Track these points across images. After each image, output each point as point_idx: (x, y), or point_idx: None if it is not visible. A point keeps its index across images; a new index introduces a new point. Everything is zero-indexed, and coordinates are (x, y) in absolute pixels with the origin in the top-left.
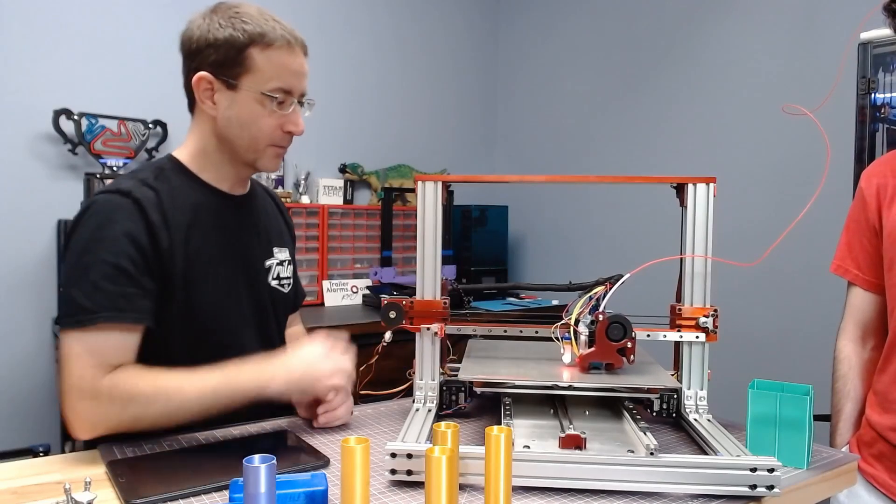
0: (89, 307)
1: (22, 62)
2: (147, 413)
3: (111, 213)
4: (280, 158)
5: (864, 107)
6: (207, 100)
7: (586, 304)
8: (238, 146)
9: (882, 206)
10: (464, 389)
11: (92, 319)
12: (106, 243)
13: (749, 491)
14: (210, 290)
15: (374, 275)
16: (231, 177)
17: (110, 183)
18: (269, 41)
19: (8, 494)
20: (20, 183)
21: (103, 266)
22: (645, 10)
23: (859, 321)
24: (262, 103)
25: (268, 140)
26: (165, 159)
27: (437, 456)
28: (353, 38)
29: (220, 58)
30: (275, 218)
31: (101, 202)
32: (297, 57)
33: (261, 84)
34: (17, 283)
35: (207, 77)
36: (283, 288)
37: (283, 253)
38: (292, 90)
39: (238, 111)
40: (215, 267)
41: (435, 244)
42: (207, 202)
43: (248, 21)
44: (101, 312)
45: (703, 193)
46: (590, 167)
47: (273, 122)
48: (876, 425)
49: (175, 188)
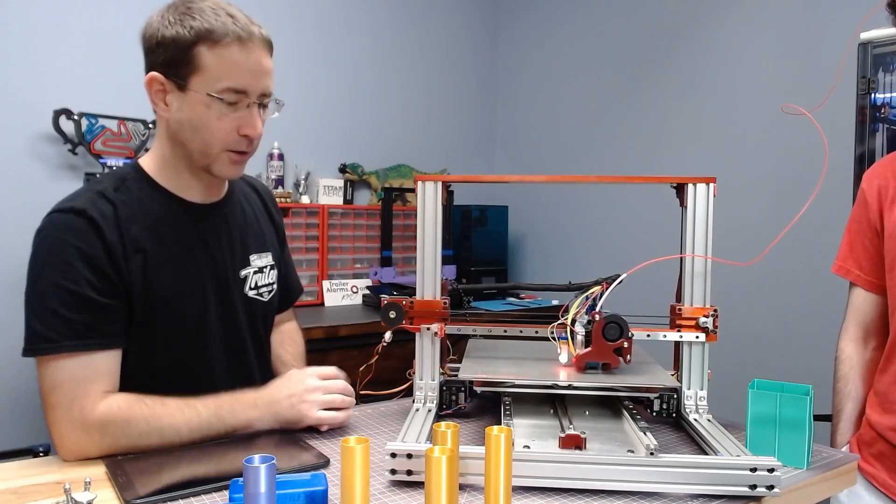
0: (50, 336)
1: (22, 62)
2: (139, 445)
3: (64, 235)
4: (239, 164)
5: (864, 107)
6: (160, 101)
7: (583, 304)
8: (191, 150)
9: (883, 206)
10: (464, 389)
11: (55, 348)
12: (62, 268)
13: (749, 491)
14: (172, 308)
15: (374, 275)
16: (193, 185)
17: (66, 198)
18: (216, 38)
19: (8, 494)
20: (20, 183)
21: (60, 292)
22: (645, 11)
23: (861, 321)
24: (211, 105)
25: (221, 145)
26: (130, 167)
27: (437, 456)
28: (352, 38)
29: (168, 57)
30: (255, 221)
31: (54, 223)
32: (251, 53)
33: (209, 84)
34: (17, 283)
35: (159, 77)
36: (263, 297)
37: (263, 259)
38: (247, 90)
39: (189, 113)
40: (178, 283)
41: (435, 244)
42: (170, 215)
43: (198, 17)
44: (64, 342)
45: (703, 193)
46: (590, 167)
47: (225, 125)
48: (876, 425)
49: (136, 200)
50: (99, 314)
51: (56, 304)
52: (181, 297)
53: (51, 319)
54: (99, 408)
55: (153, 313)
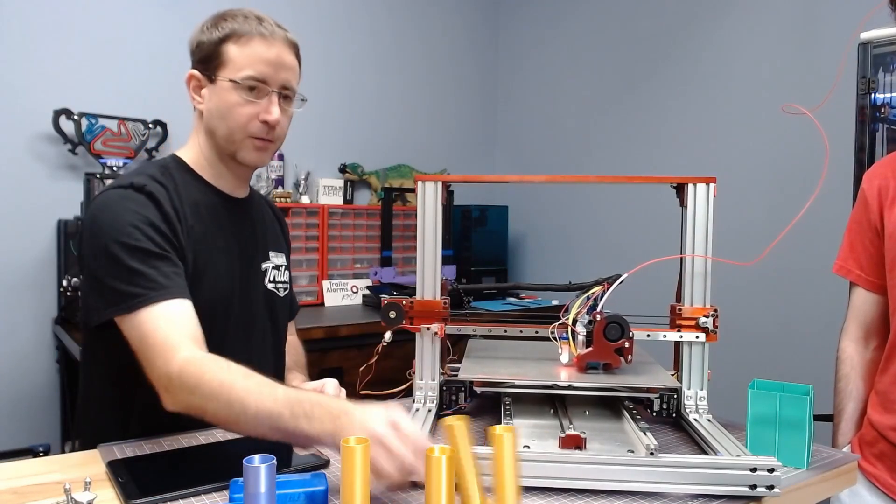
0: (136, 292)
1: (22, 62)
2: (207, 408)
3: (127, 205)
4: (262, 152)
5: (864, 107)
6: (196, 95)
7: (584, 304)
8: (219, 137)
9: (883, 206)
10: (464, 389)
11: (141, 302)
12: (129, 231)
13: (749, 491)
14: (210, 284)
15: (374, 275)
16: (226, 174)
17: (119, 178)
18: (241, 34)
19: (8, 494)
20: (20, 183)
21: (134, 252)
22: (645, 11)
23: (861, 321)
24: (236, 91)
25: (244, 130)
26: (169, 158)
27: (437, 456)
28: (353, 39)
29: (202, 55)
30: (272, 225)
31: (115, 196)
32: (272, 48)
33: (233, 73)
34: (17, 283)
35: (195, 74)
36: (279, 291)
37: (279, 258)
38: (266, 79)
39: (217, 101)
40: (215, 263)
41: (435, 244)
42: (208, 200)
43: (230, 21)
44: (149, 293)
45: (703, 193)
46: (590, 167)
47: (248, 110)
48: (877, 425)
49: (179, 184)
50: (173, 268)
51: (132, 261)
52: (215, 275)
53: (132, 277)
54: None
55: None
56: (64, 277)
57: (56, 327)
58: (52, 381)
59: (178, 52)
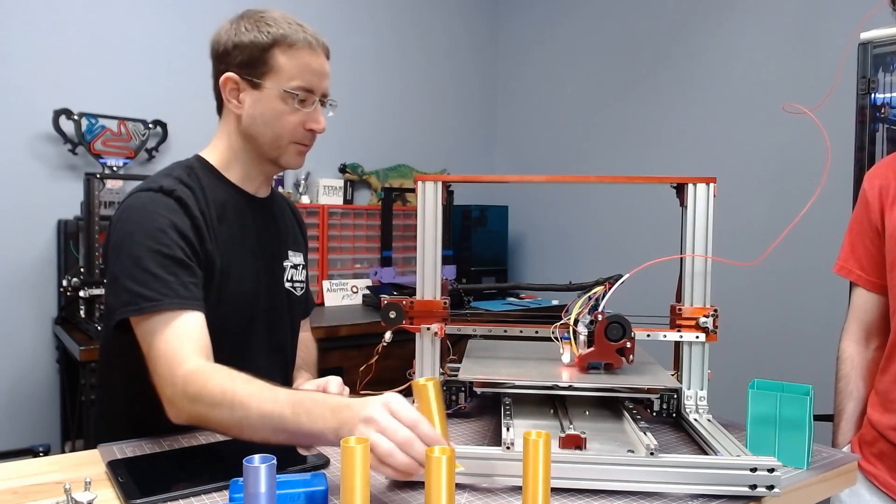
0: (150, 295)
1: (22, 62)
2: (211, 416)
3: (157, 208)
4: (302, 156)
5: (864, 107)
6: (234, 99)
7: (585, 304)
8: (262, 143)
9: (884, 207)
10: (464, 389)
11: (155, 306)
12: (155, 234)
13: (749, 491)
14: (235, 285)
15: (374, 275)
16: (255, 175)
17: (147, 181)
18: (291, 42)
19: (8, 494)
20: (20, 183)
21: (156, 256)
22: (644, 11)
23: (862, 321)
24: (285, 101)
25: (290, 137)
26: (193, 159)
27: (437, 456)
28: (353, 38)
29: (245, 59)
30: (291, 224)
31: (145, 199)
32: (318, 57)
33: (283, 82)
34: (18, 283)
35: (234, 77)
36: (296, 291)
37: (297, 257)
38: (314, 89)
39: (262, 109)
40: (239, 262)
41: (435, 244)
42: (233, 200)
43: (273, 24)
44: (164, 300)
45: (703, 193)
46: (590, 167)
47: (295, 119)
48: (877, 425)
49: (205, 186)
50: (192, 278)
51: (153, 266)
52: (240, 275)
53: (150, 280)
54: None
55: (218, 287)
56: (64, 277)
57: (56, 327)
58: (52, 381)
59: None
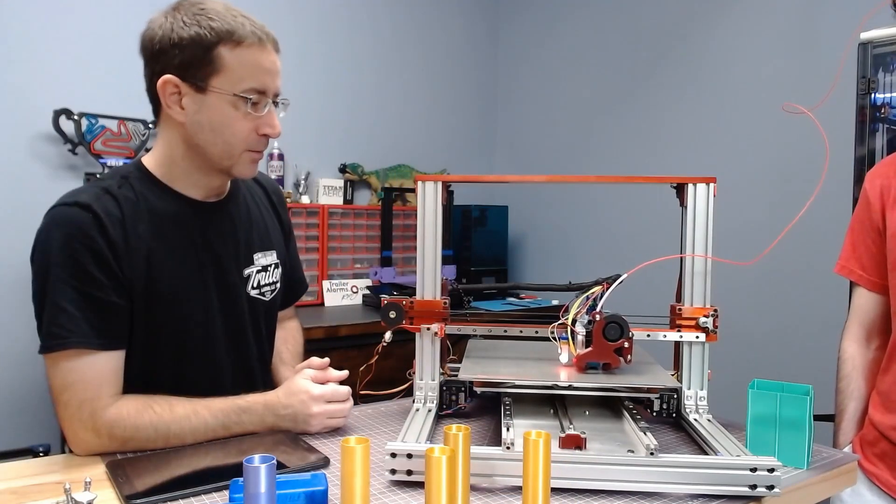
0: (59, 333)
1: (22, 62)
2: (145, 448)
3: (70, 230)
4: (256, 164)
5: (864, 107)
6: (175, 104)
7: (583, 304)
8: (211, 153)
9: (886, 207)
10: (464, 389)
11: (62, 344)
12: (69, 264)
13: (749, 491)
14: (177, 306)
15: (374, 275)
16: (202, 184)
17: (70, 192)
18: (238, 38)
19: (8, 494)
20: (20, 183)
21: (69, 290)
22: (645, 11)
23: (863, 321)
24: (236, 105)
25: (243, 145)
26: (132, 166)
27: (437, 456)
28: (353, 38)
29: (186, 59)
30: (259, 219)
31: (59, 217)
32: (269, 54)
33: (233, 85)
34: (17, 283)
35: (174, 80)
36: (265, 296)
37: (267, 257)
38: (266, 90)
39: (209, 115)
40: (182, 282)
41: (435, 244)
42: (175, 212)
43: (215, 18)
44: (71, 338)
45: (703, 193)
46: (590, 167)
47: (248, 125)
48: (879, 425)
49: (140, 197)
50: (106, 314)
51: (65, 301)
52: (185, 295)
53: (59, 317)
54: (109, 412)
55: (157, 311)
56: None
57: None
58: None
59: None
